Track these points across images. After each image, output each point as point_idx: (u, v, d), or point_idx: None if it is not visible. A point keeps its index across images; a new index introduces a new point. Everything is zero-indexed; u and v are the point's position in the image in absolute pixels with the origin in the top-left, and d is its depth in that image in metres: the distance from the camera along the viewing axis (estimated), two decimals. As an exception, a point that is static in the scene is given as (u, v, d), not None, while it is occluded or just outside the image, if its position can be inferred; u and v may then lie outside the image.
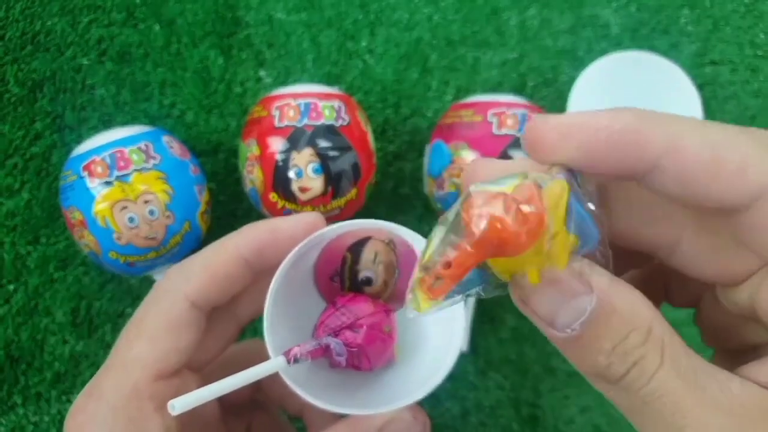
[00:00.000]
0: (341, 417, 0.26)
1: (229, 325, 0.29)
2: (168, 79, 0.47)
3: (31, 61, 0.46)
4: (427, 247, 0.18)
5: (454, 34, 0.49)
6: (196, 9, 0.48)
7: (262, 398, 0.33)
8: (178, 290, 0.25)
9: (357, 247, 0.27)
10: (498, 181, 0.18)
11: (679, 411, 0.18)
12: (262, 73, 0.48)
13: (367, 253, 0.27)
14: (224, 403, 0.30)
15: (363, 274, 0.27)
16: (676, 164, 0.18)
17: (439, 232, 0.18)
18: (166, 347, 0.24)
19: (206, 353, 0.27)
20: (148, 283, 0.45)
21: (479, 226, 0.17)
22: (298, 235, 0.25)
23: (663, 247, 0.21)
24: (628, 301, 0.19)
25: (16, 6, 0.47)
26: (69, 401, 0.43)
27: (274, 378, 0.24)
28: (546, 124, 0.19)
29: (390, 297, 0.28)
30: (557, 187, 0.18)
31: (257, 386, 0.32)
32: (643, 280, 0.25)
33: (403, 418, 0.24)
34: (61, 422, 0.43)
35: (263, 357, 0.30)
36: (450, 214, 0.18)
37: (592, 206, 0.19)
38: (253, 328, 0.43)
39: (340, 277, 0.28)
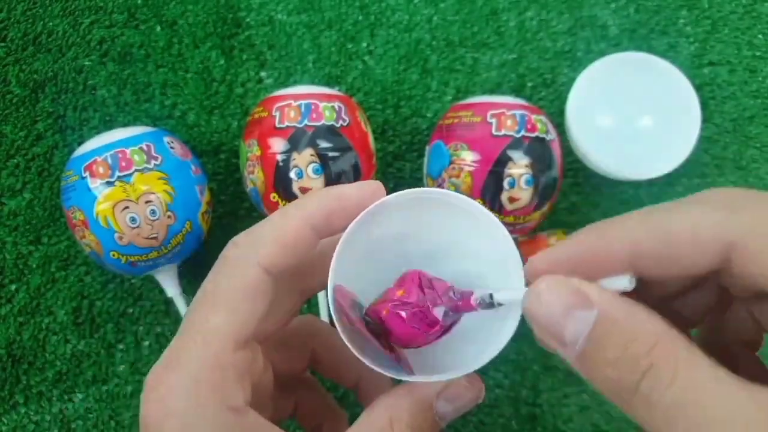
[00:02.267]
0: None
1: (294, 296, 0.29)
2: (169, 80, 0.47)
3: (32, 62, 0.46)
4: None
5: (454, 36, 0.49)
6: (198, 10, 0.48)
7: (308, 377, 0.34)
8: (251, 257, 0.25)
9: None
10: None
11: (705, 422, 0.18)
12: (263, 74, 0.48)
13: None
14: (276, 376, 0.30)
15: None
16: (644, 268, 0.22)
17: None
18: (244, 315, 0.24)
19: (272, 324, 0.27)
20: (149, 283, 0.45)
21: None
22: (364, 202, 0.25)
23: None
24: (629, 313, 0.20)
25: (18, 7, 0.47)
26: (71, 400, 0.44)
27: (330, 350, 0.26)
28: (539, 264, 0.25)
29: None
30: None
31: (313, 358, 0.32)
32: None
33: (460, 383, 0.26)
34: (62, 421, 0.43)
35: (322, 332, 0.32)
36: None
37: None
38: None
39: None
